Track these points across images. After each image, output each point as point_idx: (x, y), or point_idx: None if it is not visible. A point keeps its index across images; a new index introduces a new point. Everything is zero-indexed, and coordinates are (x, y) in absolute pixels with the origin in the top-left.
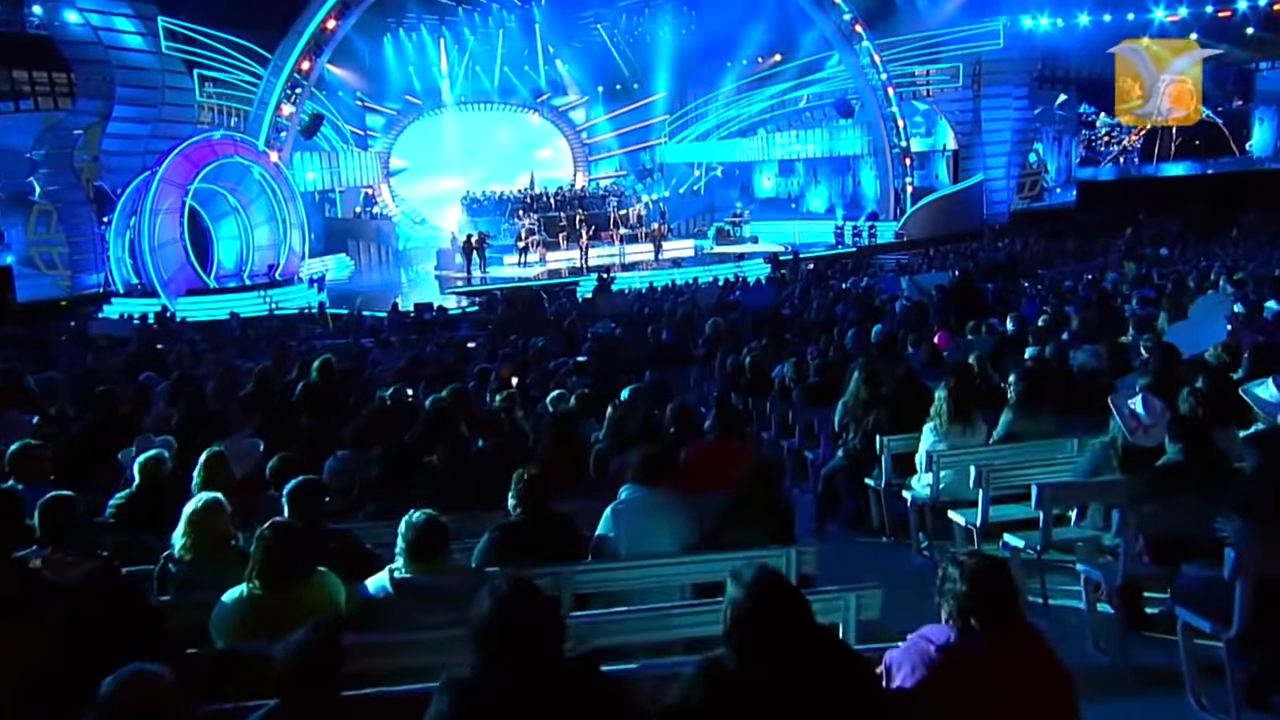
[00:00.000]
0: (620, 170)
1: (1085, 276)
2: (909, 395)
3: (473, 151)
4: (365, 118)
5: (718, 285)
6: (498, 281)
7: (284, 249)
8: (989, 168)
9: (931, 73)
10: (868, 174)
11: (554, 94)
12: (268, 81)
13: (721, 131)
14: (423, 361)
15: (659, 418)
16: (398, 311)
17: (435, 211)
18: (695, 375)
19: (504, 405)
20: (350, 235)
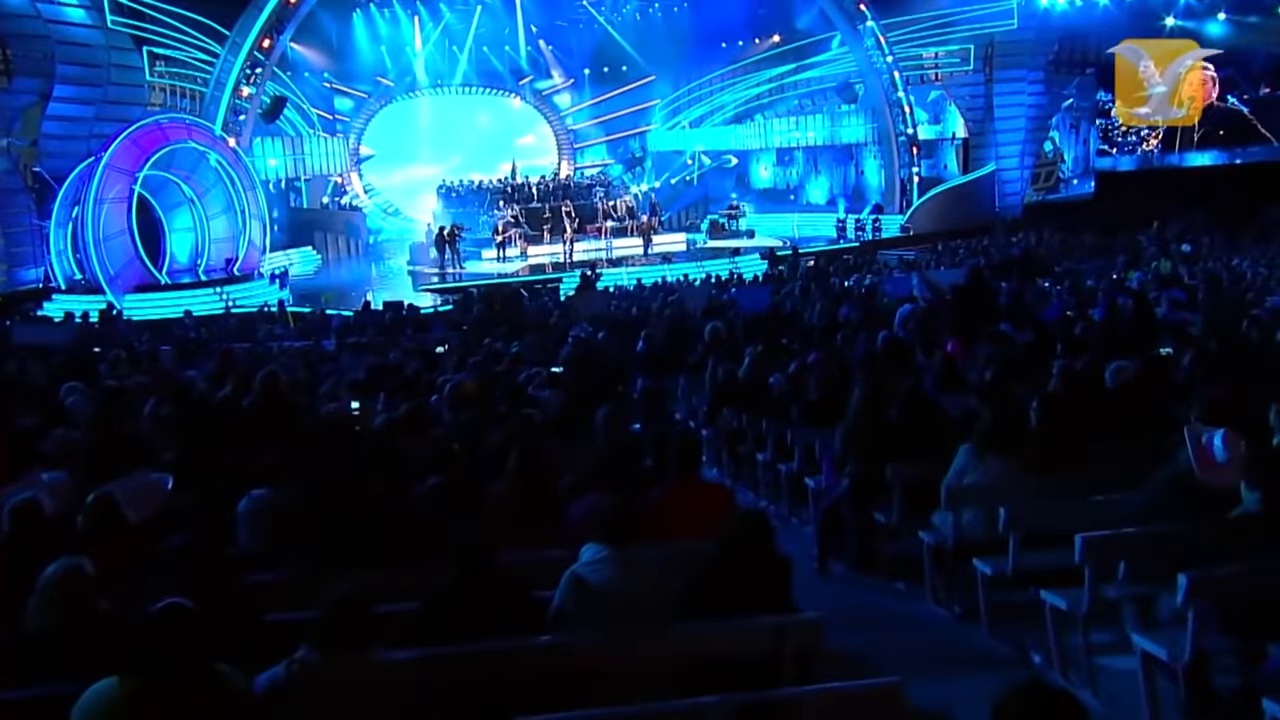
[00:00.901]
0: (608, 159)
1: (1111, 275)
2: (920, 416)
3: (449, 138)
4: (333, 100)
5: (710, 283)
6: (475, 278)
7: (243, 242)
8: (1001, 157)
9: (940, 55)
10: (872, 164)
11: (537, 76)
12: (225, 60)
13: (716, 118)
14: (384, 370)
15: (641, 442)
16: (368, 310)
17: (409, 202)
18: (684, 385)
19: (463, 429)
20: (316, 227)
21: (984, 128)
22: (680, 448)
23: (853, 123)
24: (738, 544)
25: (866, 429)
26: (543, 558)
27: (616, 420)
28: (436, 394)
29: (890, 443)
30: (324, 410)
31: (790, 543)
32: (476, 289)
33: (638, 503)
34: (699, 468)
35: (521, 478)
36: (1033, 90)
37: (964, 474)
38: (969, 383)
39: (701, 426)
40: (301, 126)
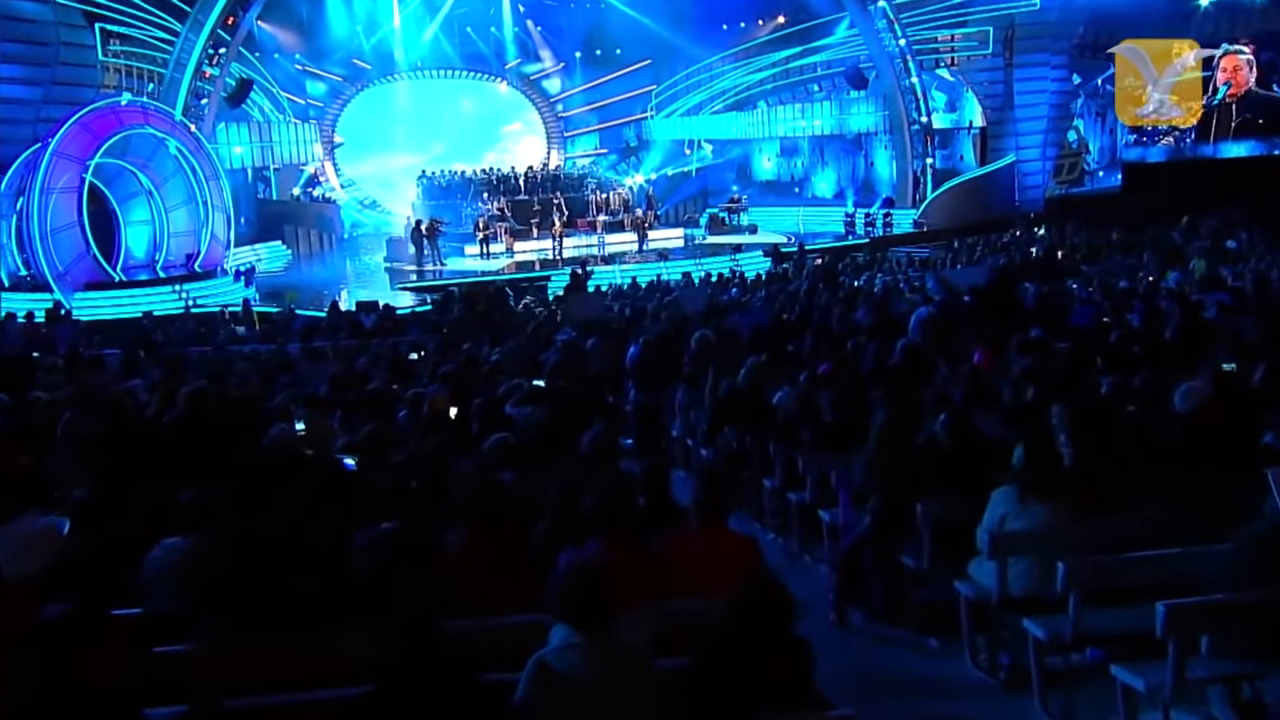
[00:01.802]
0: (600, 148)
1: (1143, 276)
2: (955, 443)
3: (431, 125)
4: (305, 84)
5: (709, 283)
6: (456, 275)
7: (205, 236)
8: (1022, 147)
9: (957, 38)
10: (882, 154)
11: (525, 60)
12: (186, 39)
13: (716, 105)
14: (347, 381)
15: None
16: (338, 311)
17: (387, 193)
18: (681, 398)
19: (427, 460)
20: (287, 220)
21: (1003, 116)
22: (707, 487)
23: (862, 110)
24: (749, 622)
25: (892, 459)
26: (509, 626)
27: (605, 446)
28: (406, 408)
29: (919, 475)
30: (270, 433)
31: (801, 583)
32: (458, 288)
33: (632, 556)
34: (726, 514)
35: (483, 523)
36: (1056, 76)
37: (1007, 518)
38: (1002, 400)
39: (700, 445)
40: (270, 112)
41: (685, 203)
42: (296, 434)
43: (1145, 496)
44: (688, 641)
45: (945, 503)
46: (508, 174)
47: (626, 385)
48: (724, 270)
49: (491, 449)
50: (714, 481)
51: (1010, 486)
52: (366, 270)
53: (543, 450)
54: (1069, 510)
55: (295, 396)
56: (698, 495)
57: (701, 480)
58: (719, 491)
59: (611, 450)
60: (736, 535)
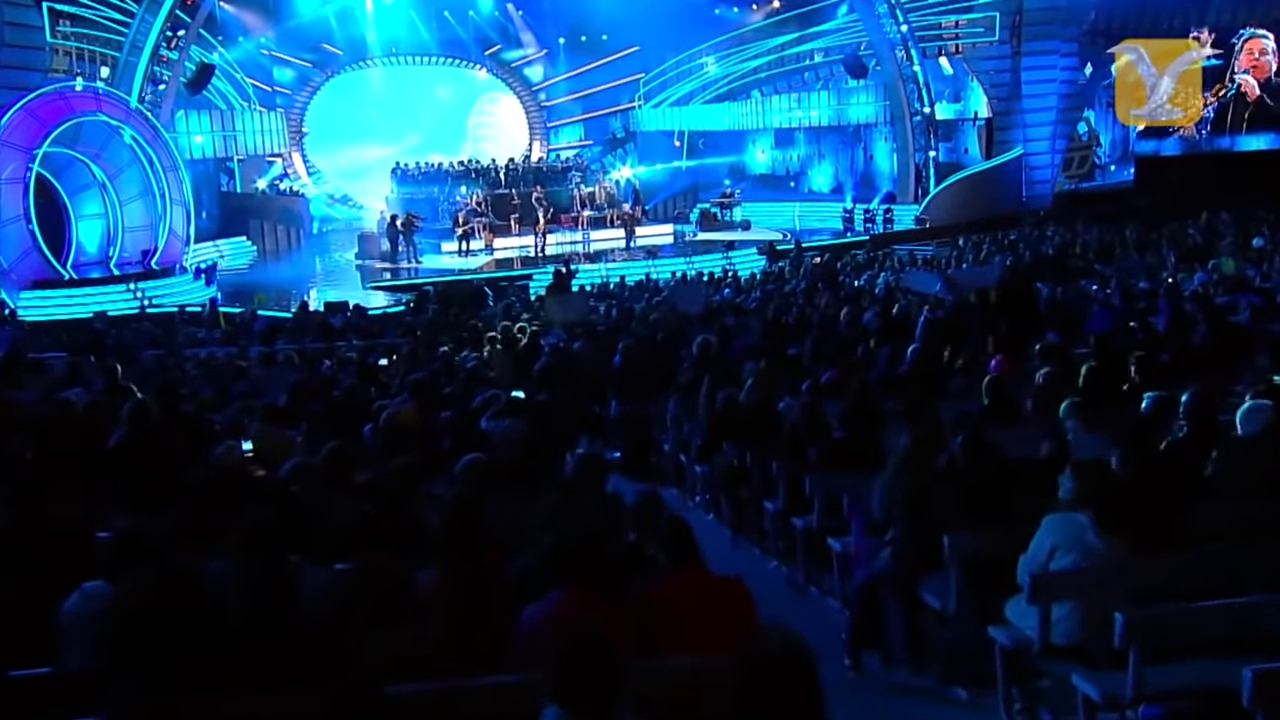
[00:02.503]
0: (585, 139)
1: (1163, 276)
2: (981, 465)
3: (406, 114)
4: (271, 70)
5: (701, 281)
6: (433, 274)
7: (163, 231)
8: (1029, 140)
9: (962, 24)
10: (882, 147)
11: (505, 46)
12: (142, 20)
13: (707, 94)
14: (311, 390)
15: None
16: (305, 312)
17: (359, 186)
18: (674, 409)
19: (391, 484)
20: (252, 214)
21: (1010, 106)
22: (668, 533)
23: (861, 100)
24: (764, 686)
25: (916, 485)
26: (489, 688)
27: (591, 469)
28: (374, 422)
29: (945, 502)
30: (216, 452)
31: (809, 620)
32: (433, 286)
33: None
34: (695, 554)
35: (457, 561)
36: (1066, 64)
37: (1056, 552)
38: (1025, 414)
39: (694, 461)
40: (233, 99)
41: (675, 197)
42: (245, 453)
43: (1210, 530)
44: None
45: (977, 534)
46: (487, 166)
47: (612, 394)
48: (716, 269)
49: (464, 472)
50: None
51: (1061, 516)
52: (336, 268)
53: (522, 472)
54: (1127, 545)
55: (250, 407)
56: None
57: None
58: (675, 536)
59: (599, 474)
60: (719, 579)
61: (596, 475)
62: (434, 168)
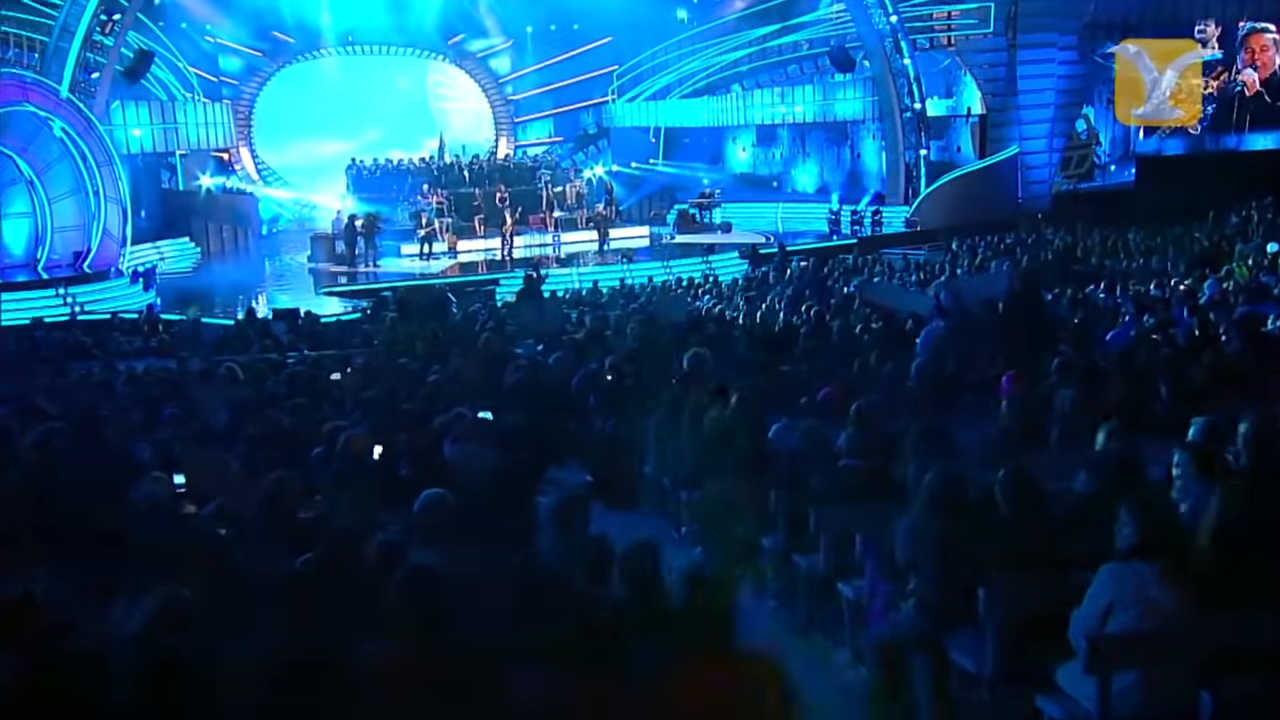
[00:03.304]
0: (555, 136)
1: (1173, 283)
2: (1024, 507)
3: (363, 108)
4: (217, 59)
5: (681, 288)
6: (392, 278)
7: (96, 231)
8: (1026, 138)
9: (954, 14)
10: (870, 145)
11: (469, 35)
12: (74, 3)
13: (685, 88)
14: (251, 410)
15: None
16: (251, 321)
17: (312, 184)
18: (657, 429)
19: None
20: (195, 214)
21: (1005, 103)
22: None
23: (848, 95)
24: None
25: (947, 528)
26: None
27: (570, 517)
28: (324, 446)
29: (980, 547)
30: (139, 488)
31: (817, 674)
32: (392, 292)
33: (606, 693)
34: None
35: (416, 630)
36: (1065, 58)
37: (1114, 609)
38: (1051, 439)
39: (679, 487)
40: (175, 89)
41: (650, 198)
42: (174, 489)
43: None
44: None
45: (1018, 585)
46: (450, 164)
47: (595, 412)
48: (696, 274)
49: (424, 512)
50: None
51: (1119, 566)
52: (287, 272)
53: (490, 510)
54: (1200, 602)
55: (182, 432)
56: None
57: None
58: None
59: (580, 517)
60: (750, 662)
61: (578, 520)
62: (392, 165)
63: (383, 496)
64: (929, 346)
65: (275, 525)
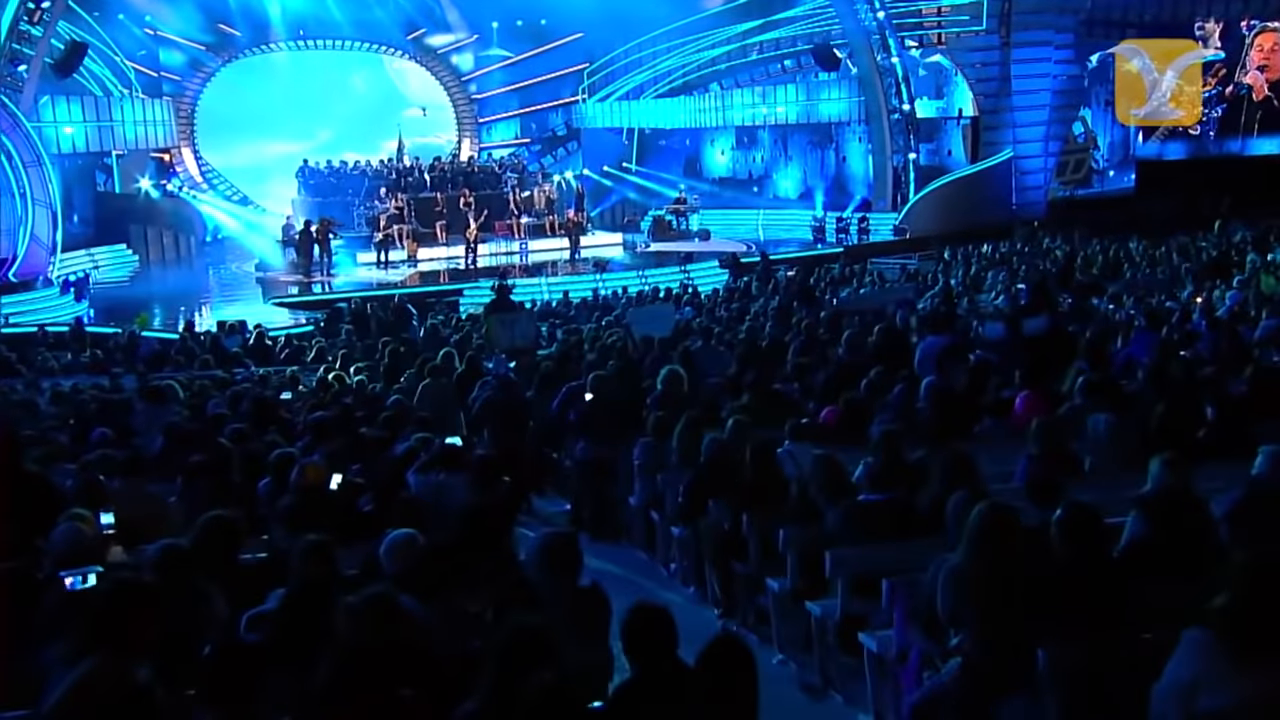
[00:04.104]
0: (521, 137)
1: (1195, 298)
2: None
3: (316, 107)
4: (158, 52)
5: (659, 299)
6: (347, 288)
7: (23, 237)
8: (1020, 141)
9: (945, 10)
10: (856, 148)
11: (430, 29)
12: None
13: (660, 87)
14: (191, 435)
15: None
16: (193, 334)
17: (261, 188)
18: (640, 456)
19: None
20: (134, 219)
21: (998, 104)
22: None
23: (833, 95)
24: None
25: (996, 576)
26: None
27: (559, 560)
28: (273, 476)
29: (1036, 600)
30: (55, 534)
31: None
32: (348, 303)
33: None
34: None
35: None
36: (1061, 56)
37: (1200, 688)
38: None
39: (669, 521)
40: (112, 84)
41: (624, 203)
42: (100, 531)
43: None
44: None
45: (1081, 644)
46: (410, 166)
47: (575, 437)
48: (673, 284)
49: (392, 556)
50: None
51: (1208, 635)
52: (234, 281)
53: (463, 553)
54: None
55: (111, 460)
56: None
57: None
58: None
59: (571, 565)
60: None
61: (569, 567)
62: (347, 167)
63: (342, 535)
64: (929, 362)
65: (215, 576)
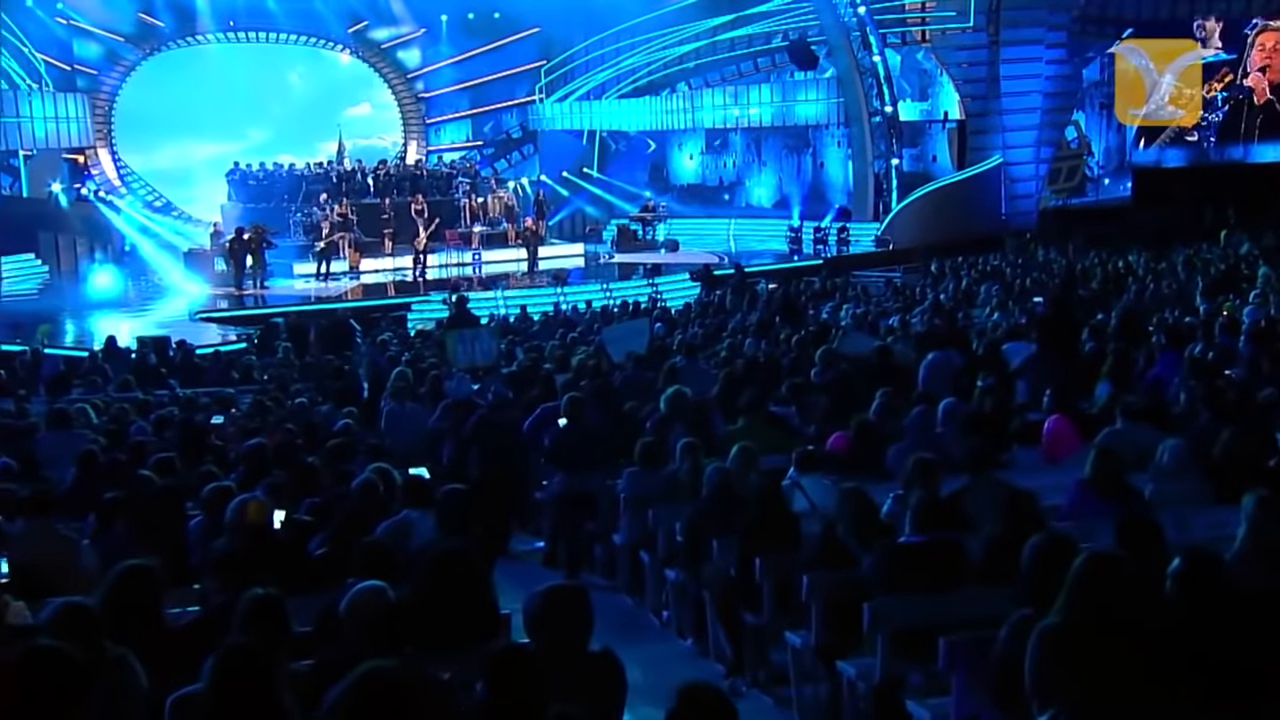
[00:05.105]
0: (473, 140)
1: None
2: (1216, 614)
3: (249, 105)
4: (71, 44)
5: (626, 313)
6: (282, 301)
7: None
8: (1010, 146)
9: (930, 5)
10: (835, 153)
11: (374, 22)
12: None
13: (624, 86)
14: (108, 467)
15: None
16: (111, 352)
17: (186, 192)
18: (626, 488)
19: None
20: (43, 226)
21: (987, 107)
22: None
23: (810, 96)
24: None
25: (1101, 641)
26: None
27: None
28: (206, 514)
29: (1153, 670)
30: None
31: None
32: (284, 317)
33: None
34: None
35: None
36: (1053, 56)
37: None
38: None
39: (663, 563)
40: (18, 77)
41: (584, 212)
42: None
43: None
44: None
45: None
46: (352, 169)
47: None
48: (641, 298)
49: (357, 614)
50: None
51: None
52: (155, 295)
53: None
54: None
55: (11, 497)
56: None
57: None
58: None
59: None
60: None
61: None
62: (283, 171)
63: (290, 585)
64: (939, 381)
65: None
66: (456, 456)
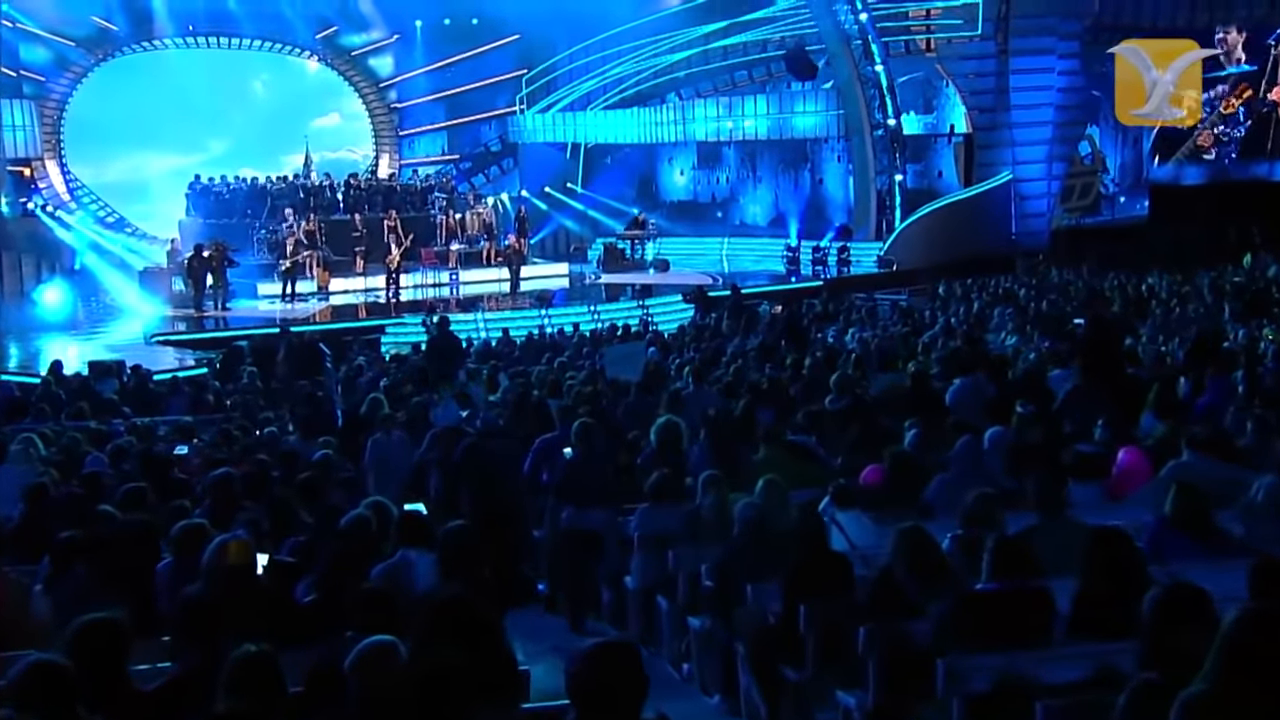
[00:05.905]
0: (450, 153)
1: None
2: None
3: (209, 114)
4: (17, 48)
5: (616, 336)
6: (245, 324)
7: None
8: (1020, 162)
9: (935, 13)
10: (835, 168)
11: (344, 28)
12: None
13: (610, 97)
14: (63, 505)
15: None
16: (60, 377)
17: (141, 207)
18: (638, 525)
19: None
20: None
21: (995, 120)
22: None
23: (808, 108)
24: None
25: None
26: None
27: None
28: (175, 556)
29: None
30: None
31: None
32: (248, 341)
33: None
34: None
35: None
36: (1064, 68)
37: None
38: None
39: (683, 610)
40: None
41: (566, 230)
42: None
43: None
44: None
45: None
46: (320, 183)
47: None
48: (631, 321)
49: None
50: None
51: None
52: (109, 316)
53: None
54: None
55: None
56: None
57: None
58: None
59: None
60: None
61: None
62: (246, 185)
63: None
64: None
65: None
66: (445, 488)
